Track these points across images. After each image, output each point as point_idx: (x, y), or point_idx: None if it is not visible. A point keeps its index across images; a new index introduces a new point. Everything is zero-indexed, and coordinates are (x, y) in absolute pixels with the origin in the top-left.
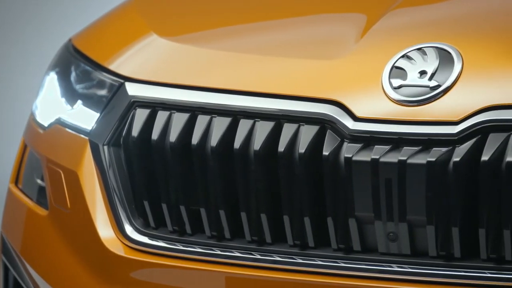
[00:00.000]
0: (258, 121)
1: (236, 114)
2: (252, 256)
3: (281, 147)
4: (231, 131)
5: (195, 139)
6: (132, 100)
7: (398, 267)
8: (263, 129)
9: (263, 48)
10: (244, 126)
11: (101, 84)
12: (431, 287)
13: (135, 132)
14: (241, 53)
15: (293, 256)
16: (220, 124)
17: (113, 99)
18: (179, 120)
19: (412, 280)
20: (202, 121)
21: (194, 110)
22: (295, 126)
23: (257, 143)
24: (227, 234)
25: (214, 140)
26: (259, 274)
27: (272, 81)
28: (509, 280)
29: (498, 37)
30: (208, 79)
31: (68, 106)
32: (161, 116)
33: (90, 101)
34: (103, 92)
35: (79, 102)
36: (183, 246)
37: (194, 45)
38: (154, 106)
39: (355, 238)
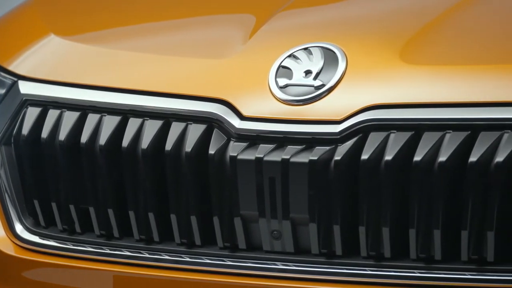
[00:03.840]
0: (147, 119)
1: (125, 113)
2: (140, 255)
3: (168, 146)
4: (120, 129)
5: (84, 138)
6: (24, 98)
7: (283, 265)
8: (152, 127)
9: (153, 47)
10: (133, 124)
11: None
12: (314, 284)
13: (25, 130)
14: (132, 52)
15: (181, 255)
16: (110, 123)
17: (6, 97)
18: (70, 118)
19: (296, 278)
20: (92, 119)
21: (85, 109)
22: (183, 125)
23: (145, 141)
24: (116, 233)
25: (103, 138)
26: (148, 273)
27: (161, 80)
28: (387, 277)
29: (382, 38)
30: (100, 77)
31: None
32: (52, 114)
33: None
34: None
35: None
36: (73, 245)
37: (88, 44)
38: (46, 104)
39: (240, 236)
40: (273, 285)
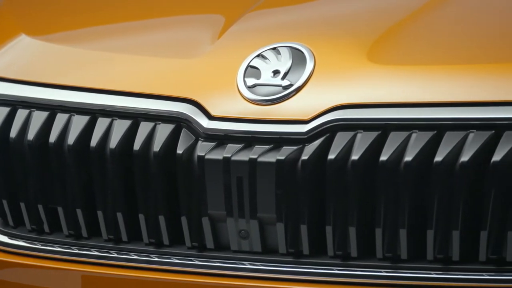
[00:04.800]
0: (115, 119)
1: (94, 113)
2: (109, 255)
3: (137, 146)
4: (89, 129)
5: (52, 138)
6: None
7: (250, 264)
8: (120, 127)
9: (122, 47)
10: (101, 124)
11: None
12: (281, 283)
13: None
14: (102, 52)
15: (149, 255)
16: (78, 122)
17: None
18: (38, 118)
19: (263, 277)
20: (60, 119)
21: (53, 109)
22: (151, 124)
23: (113, 141)
24: (84, 233)
25: (71, 138)
26: (116, 273)
27: (129, 79)
28: (354, 276)
29: (350, 38)
30: (69, 77)
31: None
32: (21, 114)
33: None
34: None
35: None
36: (42, 245)
37: (58, 44)
38: (15, 104)
39: (208, 236)
40: (241, 285)
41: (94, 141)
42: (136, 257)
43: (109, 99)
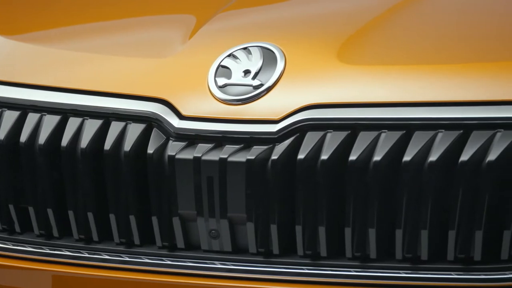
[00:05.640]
0: (87, 119)
1: (65, 112)
2: (80, 255)
3: (107, 145)
4: (60, 129)
5: (23, 137)
6: None
7: (221, 264)
8: (91, 127)
9: (94, 47)
10: (72, 124)
11: None
12: (251, 283)
13: None
14: (73, 51)
15: (120, 254)
16: (49, 122)
17: None
18: (9, 118)
19: (233, 277)
20: (32, 119)
21: (25, 108)
22: (122, 124)
23: (84, 141)
24: (55, 233)
25: (42, 138)
26: (87, 273)
27: (101, 79)
28: (324, 276)
29: (321, 39)
30: (41, 77)
31: None
32: None
33: None
34: None
35: None
36: (13, 245)
37: (30, 43)
38: None
39: (178, 235)
40: (211, 284)
41: (65, 141)
42: (107, 257)
43: (81, 99)
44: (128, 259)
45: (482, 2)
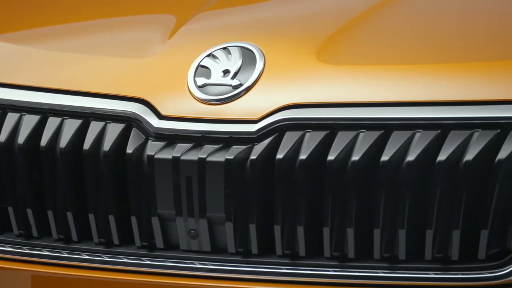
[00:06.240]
0: (66, 119)
1: (45, 112)
2: (59, 255)
3: (87, 145)
4: (39, 128)
5: (2, 137)
6: None
7: (200, 263)
8: (71, 127)
9: (73, 47)
10: (52, 123)
11: None
12: (230, 283)
13: None
14: (52, 51)
15: (99, 254)
16: (29, 122)
17: None
18: None
19: (212, 277)
20: (11, 119)
21: (4, 108)
22: (101, 124)
23: (63, 141)
24: (35, 233)
25: (21, 137)
26: (66, 273)
27: (80, 79)
28: (302, 275)
29: (300, 39)
30: (20, 77)
31: None
32: None
33: None
34: None
35: None
36: None
37: (8, 43)
38: None
39: (158, 235)
40: (191, 284)
41: (44, 141)
42: (86, 257)
43: (60, 99)
44: (107, 259)
45: (460, 2)
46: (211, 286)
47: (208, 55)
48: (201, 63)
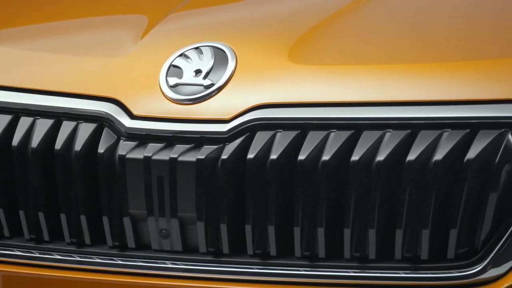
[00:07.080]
0: (38, 118)
1: (17, 112)
2: (31, 255)
3: (58, 145)
4: (11, 128)
5: None
6: None
7: (171, 263)
8: (42, 126)
9: (46, 46)
10: (23, 123)
11: None
12: (202, 282)
13: None
14: (23, 50)
15: (71, 254)
16: (0, 122)
17: None
18: None
19: (184, 277)
20: None
21: None
22: (73, 124)
23: (35, 140)
24: (6, 233)
25: None
26: (38, 273)
27: (52, 78)
28: (273, 275)
29: (272, 39)
30: None
31: None
32: None
33: None
34: None
35: None
36: None
37: None
38: None
39: (129, 235)
40: (162, 284)
41: (15, 141)
42: (58, 256)
43: (32, 98)
44: (79, 259)
45: (434, 1)
46: (182, 286)
47: (180, 55)
48: (173, 63)
